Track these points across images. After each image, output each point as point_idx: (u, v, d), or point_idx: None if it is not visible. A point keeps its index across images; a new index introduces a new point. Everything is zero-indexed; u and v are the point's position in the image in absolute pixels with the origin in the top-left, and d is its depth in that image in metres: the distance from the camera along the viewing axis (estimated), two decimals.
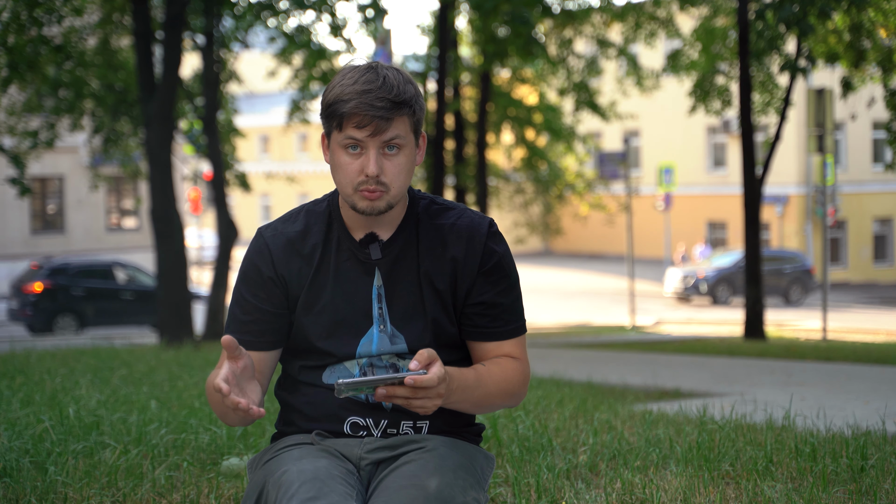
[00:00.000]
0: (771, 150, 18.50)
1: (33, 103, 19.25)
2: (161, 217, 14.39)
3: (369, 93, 2.36)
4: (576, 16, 22.52)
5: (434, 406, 2.29)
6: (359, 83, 2.38)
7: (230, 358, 2.30)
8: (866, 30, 17.36)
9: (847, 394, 7.71)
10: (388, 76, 2.40)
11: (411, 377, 2.22)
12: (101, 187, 28.76)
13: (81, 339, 18.35)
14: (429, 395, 2.26)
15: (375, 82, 2.38)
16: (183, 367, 8.01)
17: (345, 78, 2.41)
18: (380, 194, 2.41)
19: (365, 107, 2.36)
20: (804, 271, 32.24)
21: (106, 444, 4.14)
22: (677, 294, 32.41)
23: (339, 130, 2.41)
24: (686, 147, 41.98)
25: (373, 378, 2.23)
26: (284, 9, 17.82)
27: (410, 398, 2.26)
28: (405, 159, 2.43)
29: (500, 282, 2.52)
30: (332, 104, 2.41)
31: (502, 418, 4.71)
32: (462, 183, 23.95)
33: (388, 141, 2.40)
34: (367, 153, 2.40)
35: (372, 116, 2.36)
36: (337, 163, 2.44)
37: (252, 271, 2.50)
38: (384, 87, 2.37)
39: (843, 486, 3.56)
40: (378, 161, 2.39)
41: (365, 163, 2.40)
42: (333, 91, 2.41)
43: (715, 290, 32.03)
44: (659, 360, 12.32)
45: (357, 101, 2.36)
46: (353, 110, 2.37)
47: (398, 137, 2.40)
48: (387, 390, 2.25)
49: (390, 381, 2.23)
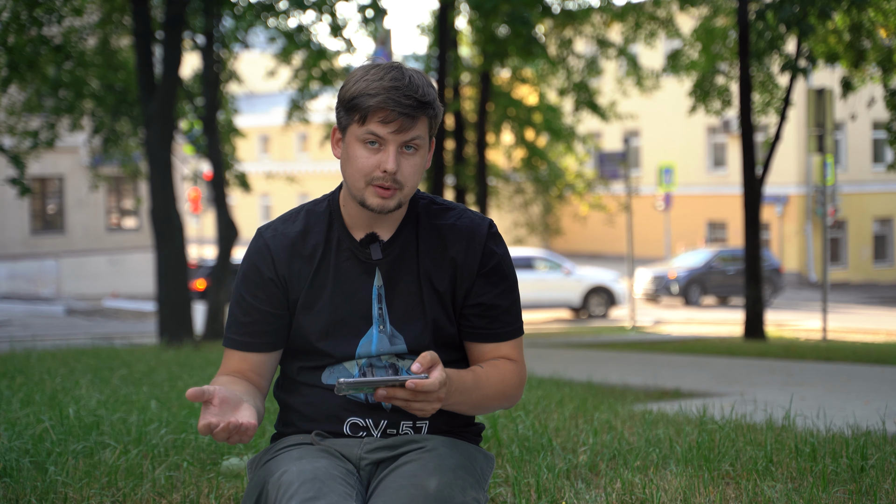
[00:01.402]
0: (771, 150, 18.50)
1: (33, 103, 19.24)
2: (161, 217, 14.39)
3: (397, 90, 2.36)
4: (576, 16, 22.52)
5: (433, 409, 2.30)
6: (385, 80, 2.38)
7: (204, 404, 2.25)
8: (866, 30, 17.36)
9: (847, 394, 7.72)
10: (413, 76, 2.40)
11: (412, 381, 2.22)
12: (101, 187, 28.75)
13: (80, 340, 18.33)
14: (428, 399, 2.27)
15: (402, 80, 2.38)
16: (183, 367, 8.01)
17: (368, 73, 2.40)
18: (393, 192, 2.41)
19: (392, 103, 2.36)
20: (773, 270, 31.99)
21: (106, 444, 4.14)
22: (647, 295, 32.21)
23: (360, 124, 2.40)
24: (686, 147, 41.98)
25: (374, 379, 2.24)
26: (284, 9, 17.82)
27: (410, 401, 2.26)
28: (420, 160, 2.44)
29: (500, 283, 2.52)
30: (356, 97, 2.39)
31: (502, 418, 4.71)
32: (462, 183, 23.95)
33: (408, 140, 2.40)
34: (386, 149, 2.39)
35: (399, 113, 2.36)
36: (352, 156, 2.42)
37: (252, 272, 2.50)
38: (411, 86, 2.38)
39: (843, 486, 3.56)
40: (397, 158, 2.39)
41: (383, 158, 2.39)
42: (357, 85, 2.39)
43: (687, 291, 31.93)
44: (659, 360, 12.32)
45: (385, 96, 2.36)
46: (381, 105, 2.36)
47: (418, 138, 2.41)
48: (387, 391, 2.25)
49: (391, 382, 2.23)
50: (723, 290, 32.37)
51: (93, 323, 25.89)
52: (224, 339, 2.54)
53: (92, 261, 33.17)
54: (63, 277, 32.60)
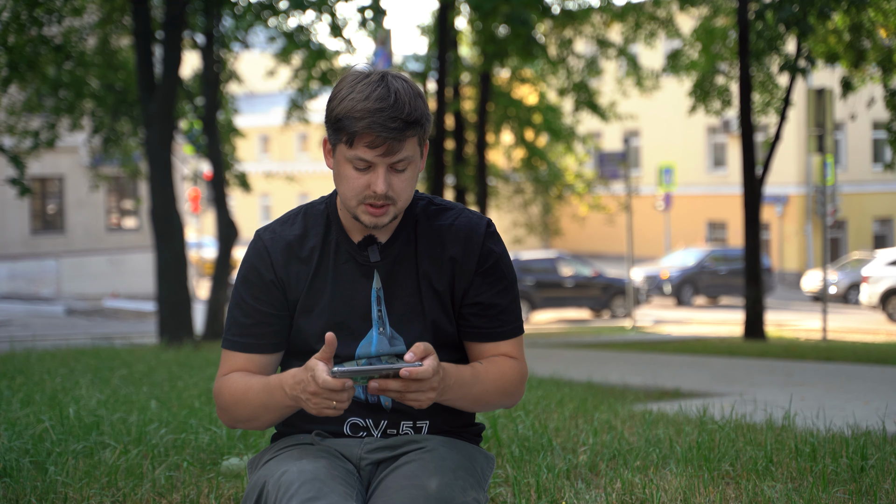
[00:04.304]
0: (771, 150, 18.50)
1: (33, 103, 19.24)
2: (161, 217, 14.39)
3: (382, 112, 2.32)
4: (576, 16, 22.51)
5: (428, 400, 2.28)
6: (370, 100, 2.33)
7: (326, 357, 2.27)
8: (866, 30, 17.36)
9: (847, 394, 7.72)
10: (399, 91, 2.35)
11: (406, 369, 2.22)
12: (101, 187, 28.74)
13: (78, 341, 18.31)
14: (422, 388, 2.25)
15: (388, 99, 2.33)
16: (183, 367, 8.01)
17: (354, 91, 2.35)
18: (386, 208, 2.40)
19: (378, 128, 2.33)
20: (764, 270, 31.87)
21: (106, 444, 4.14)
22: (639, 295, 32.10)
23: (348, 146, 2.37)
24: (686, 147, 41.98)
25: (369, 367, 2.23)
26: (284, 9, 17.81)
27: (404, 391, 2.25)
28: (412, 173, 2.42)
29: (498, 282, 2.52)
30: (342, 119, 2.36)
31: (502, 418, 4.71)
32: (462, 183, 23.96)
33: (396, 162, 2.38)
34: (375, 170, 2.37)
35: (385, 138, 2.34)
36: (343, 175, 2.41)
37: (252, 274, 2.49)
38: (396, 106, 2.33)
39: (843, 486, 3.56)
40: (387, 179, 2.37)
41: (373, 179, 2.37)
42: (343, 105, 2.36)
43: (679, 291, 31.87)
44: (659, 360, 12.33)
45: (370, 120, 2.32)
46: (366, 130, 2.33)
47: (408, 157, 2.39)
48: (379, 384, 2.24)
49: (385, 371, 2.23)
50: (714, 290, 32.34)
51: (93, 323, 25.89)
52: (224, 340, 2.52)
53: (92, 261, 33.15)
54: (63, 277, 32.59)
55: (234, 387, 2.46)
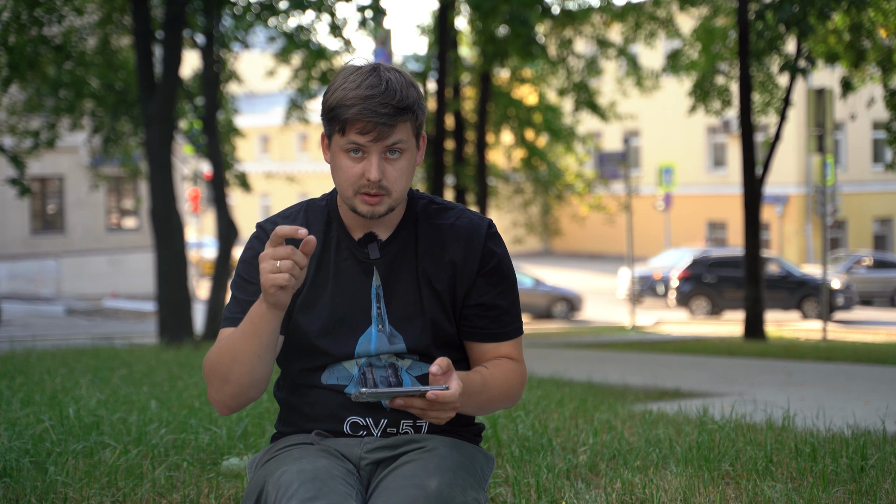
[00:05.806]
0: (771, 150, 18.51)
1: (33, 103, 19.24)
2: (161, 217, 14.39)
3: (372, 98, 2.35)
4: (576, 16, 22.52)
5: (448, 418, 2.31)
6: (361, 87, 2.36)
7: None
8: (866, 30, 17.37)
9: (847, 394, 7.72)
10: (391, 80, 2.38)
11: (433, 392, 2.23)
12: (101, 187, 28.76)
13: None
14: (444, 409, 2.28)
15: (378, 87, 2.36)
16: (183, 367, 8.01)
17: (347, 81, 2.39)
18: (381, 198, 2.41)
19: (368, 113, 2.35)
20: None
21: (106, 444, 4.14)
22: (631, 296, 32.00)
23: (341, 135, 2.40)
24: (686, 147, 41.99)
25: (395, 390, 2.25)
26: (284, 9, 17.81)
27: (427, 409, 2.27)
28: (406, 163, 2.43)
29: (500, 283, 2.52)
30: (334, 108, 2.39)
31: (502, 418, 4.71)
32: (462, 183, 23.96)
33: (390, 146, 2.39)
34: (369, 157, 2.39)
35: (375, 123, 2.36)
36: (338, 165, 2.43)
37: (254, 258, 2.46)
38: (387, 93, 2.36)
39: (843, 486, 3.56)
40: (380, 166, 2.39)
41: (367, 167, 2.39)
42: (335, 95, 2.40)
43: None
44: (659, 360, 12.33)
45: (360, 106, 2.35)
46: (356, 116, 2.36)
47: (400, 142, 2.40)
48: (404, 401, 2.26)
49: (411, 393, 2.25)
50: None
51: (93, 323, 25.90)
52: (224, 320, 2.48)
53: (92, 261, 33.15)
54: (63, 277, 32.59)
55: (219, 343, 2.42)
